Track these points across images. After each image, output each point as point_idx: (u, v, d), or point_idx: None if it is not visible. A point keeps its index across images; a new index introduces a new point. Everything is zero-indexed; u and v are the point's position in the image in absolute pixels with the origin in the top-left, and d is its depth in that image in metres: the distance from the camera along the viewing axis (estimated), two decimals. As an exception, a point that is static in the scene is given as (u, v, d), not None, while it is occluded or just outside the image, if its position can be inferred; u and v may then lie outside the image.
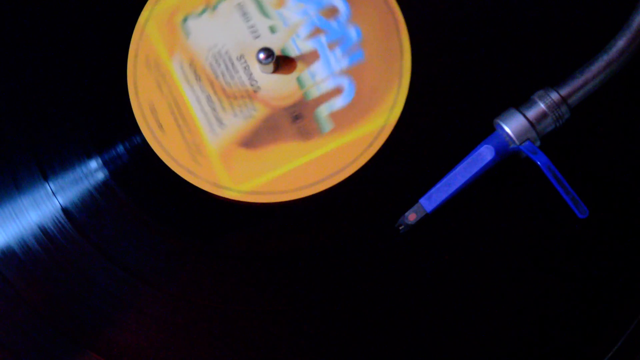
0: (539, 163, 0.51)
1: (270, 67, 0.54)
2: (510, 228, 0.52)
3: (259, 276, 0.53)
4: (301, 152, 0.54)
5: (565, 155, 0.53)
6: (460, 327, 0.51)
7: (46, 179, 0.55)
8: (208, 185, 0.54)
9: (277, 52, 0.55)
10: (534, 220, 0.52)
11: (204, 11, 0.56)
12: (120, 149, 0.55)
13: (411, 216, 0.52)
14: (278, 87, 0.56)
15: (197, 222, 0.54)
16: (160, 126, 0.54)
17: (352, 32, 0.55)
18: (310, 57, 0.56)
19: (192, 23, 0.56)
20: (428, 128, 0.54)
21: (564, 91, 0.52)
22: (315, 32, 0.56)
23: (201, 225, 0.54)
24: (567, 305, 0.51)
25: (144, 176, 0.55)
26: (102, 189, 0.54)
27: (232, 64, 0.55)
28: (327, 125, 0.54)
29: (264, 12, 0.56)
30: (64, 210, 0.54)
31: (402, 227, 0.52)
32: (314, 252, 0.53)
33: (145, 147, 0.55)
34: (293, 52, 0.56)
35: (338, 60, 0.55)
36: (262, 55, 0.54)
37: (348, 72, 0.55)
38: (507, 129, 0.52)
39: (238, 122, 0.55)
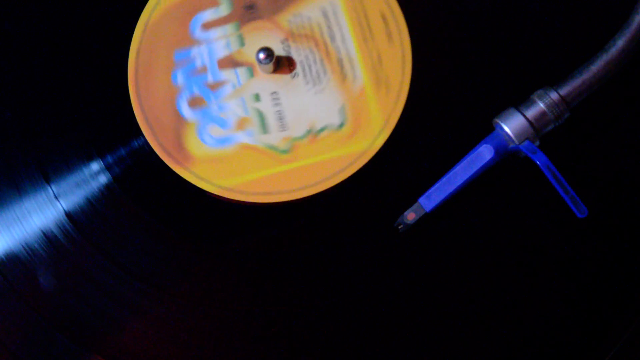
0: (538, 163, 0.51)
1: (270, 66, 0.55)
2: (510, 228, 0.52)
3: (272, 277, 0.53)
4: None
5: (565, 155, 0.53)
6: (460, 327, 0.51)
7: (49, 182, 0.55)
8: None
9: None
10: (533, 220, 0.52)
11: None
12: (122, 151, 0.55)
13: (410, 215, 0.52)
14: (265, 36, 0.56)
15: (202, 224, 0.54)
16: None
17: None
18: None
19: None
20: (428, 127, 0.54)
21: (564, 91, 0.52)
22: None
23: (206, 227, 0.54)
24: (567, 305, 0.51)
25: (146, 178, 0.55)
26: (104, 191, 0.55)
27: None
28: None
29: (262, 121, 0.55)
30: (67, 214, 0.54)
31: (401, 226, 0.52)
32: (313, 251, 0.53)
33: (147, 149, 0.55)
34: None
35: None
36: (262, 55, 0.54)
37: None
38: (506, 129, 0.52)
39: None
